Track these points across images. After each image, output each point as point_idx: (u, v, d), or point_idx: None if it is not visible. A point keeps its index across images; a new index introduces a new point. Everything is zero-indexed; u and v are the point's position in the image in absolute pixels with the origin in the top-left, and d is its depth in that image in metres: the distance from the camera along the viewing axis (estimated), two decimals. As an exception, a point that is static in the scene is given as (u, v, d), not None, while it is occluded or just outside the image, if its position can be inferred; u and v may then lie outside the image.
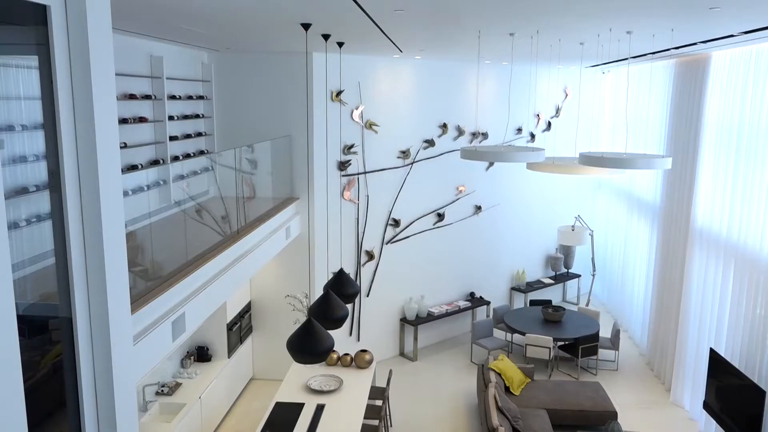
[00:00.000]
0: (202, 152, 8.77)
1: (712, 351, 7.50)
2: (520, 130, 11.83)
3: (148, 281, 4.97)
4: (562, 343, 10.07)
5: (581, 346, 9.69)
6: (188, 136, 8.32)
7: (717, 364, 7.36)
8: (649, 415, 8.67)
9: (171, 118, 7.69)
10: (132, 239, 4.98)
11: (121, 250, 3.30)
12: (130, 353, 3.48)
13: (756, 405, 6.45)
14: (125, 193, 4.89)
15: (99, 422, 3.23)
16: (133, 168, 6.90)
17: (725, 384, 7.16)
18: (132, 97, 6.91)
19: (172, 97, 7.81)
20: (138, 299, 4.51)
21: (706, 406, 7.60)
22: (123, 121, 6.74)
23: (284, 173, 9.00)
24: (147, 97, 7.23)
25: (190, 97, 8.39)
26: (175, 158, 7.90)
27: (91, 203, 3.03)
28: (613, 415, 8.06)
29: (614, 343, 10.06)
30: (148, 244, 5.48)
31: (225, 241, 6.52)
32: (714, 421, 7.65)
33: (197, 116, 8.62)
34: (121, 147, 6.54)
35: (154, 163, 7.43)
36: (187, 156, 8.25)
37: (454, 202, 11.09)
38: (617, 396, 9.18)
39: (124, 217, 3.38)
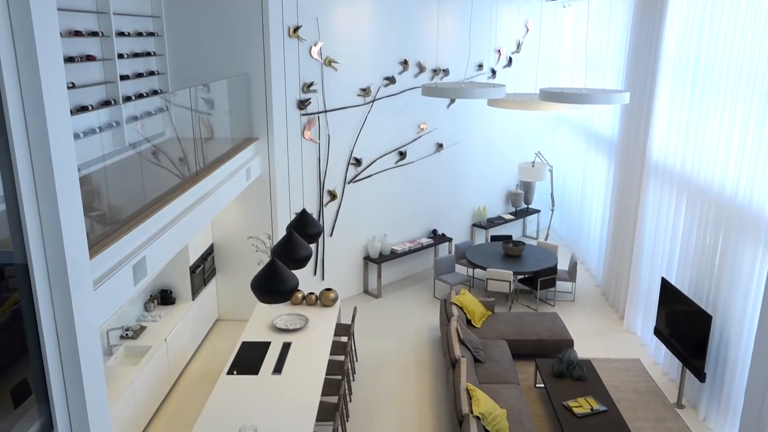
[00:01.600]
0: (155, 92, 8.47)
1: (663, 280, 7.83)
2: (481, 66, 11.74)
3: (106, 226, 4.87)
4: (522, 276, 10.36)
5: (540, 279, 9.99)
6: (140, 75, 8.00)
7: (668, 293, 7.70)
8: (603, 342, 9.08)
9: (120, 56, 7.36)
10: (87, 183, 4.84)
11: (75, 193, 3.21)
12: (91, 298, 3.44)
13: (702, 329, 6.81)
14: (76, 136, 4.71)
15: (63, 367, 3.22)
16: (83, 109, 6.64)
17: (675, 311, 7.51)
18: (77, 33, 6.57)
19: (121, 34, 7.46)
20: (96, 244, 4.43)
21: (657, 331, 8.00)
22: (69, 59, 6.42)
23: (242, 113, 8.79)
24: (94, 33, 6.89)
25: (140, 34, 8.02)
26: (128, 98, 7.62)
27: (40, 146, 2.92)
28: (570, 343, 8.41)
29: (571, 275, 10.40)
30: (104, 188, 5.34)
31: (184, 184, 6.39)
32: (663, 346, 8.07)
33: (149, 54, 8.28)
34: (69, 87, 6.26)
35: (106, 103, 7.16)
36: (140, 96, 7.96)
37: (415, 140, 11.05)
38: (574, 325, 9.57)
39: (77, 161, 3.27)
